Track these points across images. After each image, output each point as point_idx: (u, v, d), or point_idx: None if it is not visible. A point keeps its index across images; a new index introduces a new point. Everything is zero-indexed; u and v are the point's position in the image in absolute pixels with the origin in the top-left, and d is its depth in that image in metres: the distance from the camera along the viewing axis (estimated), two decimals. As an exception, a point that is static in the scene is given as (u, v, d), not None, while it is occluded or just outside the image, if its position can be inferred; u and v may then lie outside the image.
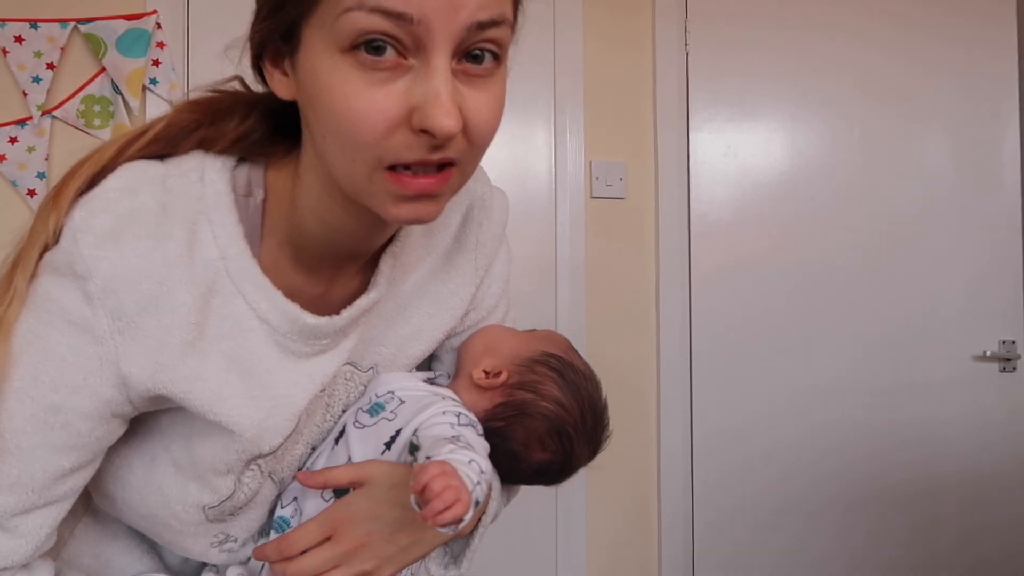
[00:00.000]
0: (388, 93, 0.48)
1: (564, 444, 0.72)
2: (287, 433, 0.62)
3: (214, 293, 0.57)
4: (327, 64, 0.49)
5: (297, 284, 0.63)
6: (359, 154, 0.50)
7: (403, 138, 0.49)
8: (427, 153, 0.50)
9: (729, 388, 2.16)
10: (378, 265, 0.66)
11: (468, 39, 0.49)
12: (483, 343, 0.75)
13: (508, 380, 0.71)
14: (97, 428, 0.56)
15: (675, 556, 2.14)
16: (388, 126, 0.49)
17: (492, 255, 0.77)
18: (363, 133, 0.49)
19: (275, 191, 0.62)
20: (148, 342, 0.55)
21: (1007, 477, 2.27)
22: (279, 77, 0.56)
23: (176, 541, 0.65)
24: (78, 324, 0.53)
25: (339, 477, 0.64)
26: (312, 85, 0.51)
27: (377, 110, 0.48)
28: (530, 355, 0.73)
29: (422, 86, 0.48)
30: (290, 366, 0.61)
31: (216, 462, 0.60)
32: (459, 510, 0.49)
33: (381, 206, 0.53)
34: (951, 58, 2.26)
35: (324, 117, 0.51)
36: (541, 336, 0.77)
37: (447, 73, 0.48)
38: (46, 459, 0.55)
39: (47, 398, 0.54)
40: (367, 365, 0.70)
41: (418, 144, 0.50)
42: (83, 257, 0.53)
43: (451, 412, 0.65)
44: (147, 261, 0.54)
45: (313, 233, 0.61)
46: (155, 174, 0.58)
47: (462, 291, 0.74)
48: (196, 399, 0.57)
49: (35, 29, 1.71)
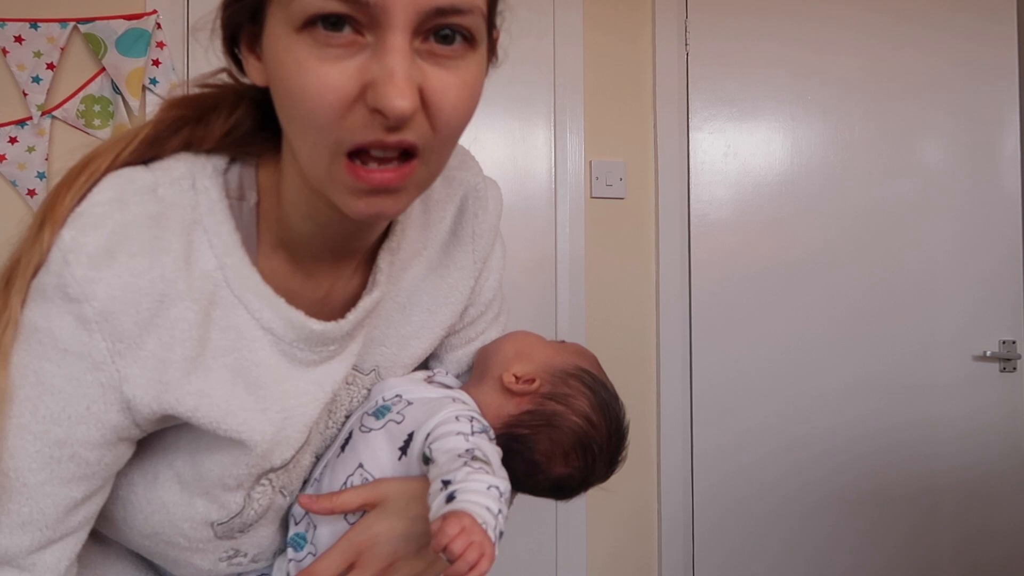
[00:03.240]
0: (342, 69, 0.46)
1: (587, 461, 0.70)
2: (299, 445, 0.61)
3: (214, 305, 0.55)
4: (283, 43, 0.48)
5: (296, 288, 0.60)
6: (318, 137, 0.48)
7: (359, 117, 0.47)
8: (383, 134, 0.47)
9: (729, 388, 2.16)
10: (376, 262, 0.64)
11: (428, 22, 0.47)
12: (514, 348, 0.74)
13: (540, 388, 0.70)
14: (106, 455, 0.54)
15: (675, 559, 2.13)
16: (342, 104, 0.46)
17: (489, 247, 0.74)
18: (317, 112, 0.47)
19: (267, 191, 0.60)
20: (150, 362, 0.52)
21: (1007, 477, 2.27)
22: (254, 62, 0.54)
23: (183, 558, 0.63)
24: (73, 352, 0.51)
25: (349, 501, 0.61)
26: (273, 67, 0.49)
27: (331, 87, 0.46)
28: (564, 367, 0.72)
29: (378, 64, 0.46)
30: (299, 375, 0.59)
31: (225, 477, 0.58)
32: (483, 567, 0.48)
33: (341, 199, 0.50)
34: (953, 57, 2.26)
35: (284, 100, 0.49)
36: (573, 350, 0.76)
37: (405, 51, 0.46)
38: (56, 493, 0.53)
39: (50, 433, 0.51)
40: (368, 367, 0.68)
41: (375, 123, 0.47)
42: (76, 280, 0.50)
43: (464, 417, 0.63)
44: (144, 279, 0.52)
45: (301, 231, 0.59)
46: (144, 183, 0.55)
47: (461, 285, 0.72)
48: (204, 416, 0.55)
49: (35, 29, 1.71)
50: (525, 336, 0.76)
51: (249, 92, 0.60)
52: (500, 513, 0.52)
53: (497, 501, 0.52)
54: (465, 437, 0.60)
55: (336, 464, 0.66)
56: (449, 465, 0.56)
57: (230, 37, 0.55)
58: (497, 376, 0.71)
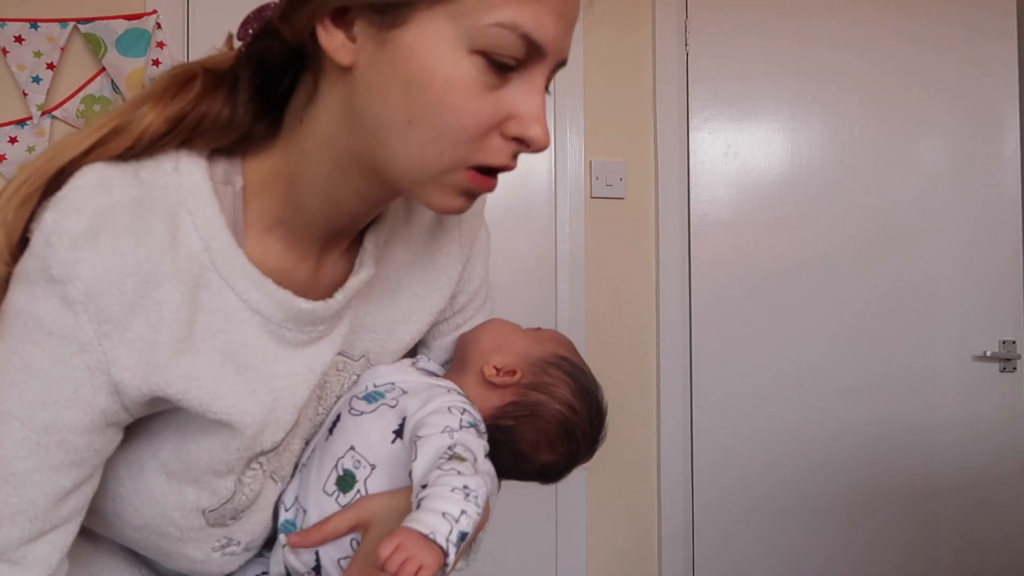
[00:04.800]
0: (497, 99, 0.52)
1: (571, 447, 0.72)
2: (289, 427, 0.61)
3: (201, 287, 0.55)
4: (449, 56, 0.50)
5: (287, 269, 0.60)
6: (452, 149, 0.52)
7: (494, 142, 0.53)
8: (511, 160, 0.54)
9: (730, 388, 2.16)
10: (363, 243, 0.65)
11: (555, 71, 0.55)
12: (492, 339, 0.75)
13: (522, 379, 0.71)
14: (95, 440, 0.54)
15: (675, 563, 2.13)
16: (488, 129, 0.52)
17: (474, 233, 0.76)
18: (466, 131, 0.51)
19: (257, 178, 0.59)
20: (137, 344, 0.52)
21: (1007, 477, 2.27)
22: (343, 40, 0.52)
23: (175, 550, 0.62)
24: (58, 334, 0.50)
25: (339, 527, 0.61)
26: (417, 70, 0.50)
27: (487, 113, 0.51)
28: (543, 356, 0.73)
29: (523, 99, 0.52)
30: (288, 356, 0.59)
31: (215, 462, 0.58)
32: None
33: (440, 197, 0.55)
34: (952, 58, 2.26)
35: (422, 105, 0.51)
36: (550, 337, 0.77)
37: (544, 92, 0.54)
38: (44, 482, 0.52)
39: (37, 418, 0.51)
40: (358, 353, 0.69)
41: (506, 150, 0.53)
42: (60, 260, 0.49)
43: (456, 408, 0.64)
44: (129, 259, 0.51)
45: (312, 210, 0.59)
46: (126, 167, 0.54)
47: (449, 270, 0.73)
48: (193, 398, 0.54)
49: (35, 29, 1.71)
50: (501, 325, 0.77)
51: (240, 82, 0.57)
52: (464, 514, 0.52)
53: (461, 502, 0.53)
54: (450, 433, 0.60)
55: (325, 447, 0.66)
56: (426, 467, 0.57)
57: (322, 6, 0.52)
58: (478, 369, 0.71)
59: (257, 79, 0.57)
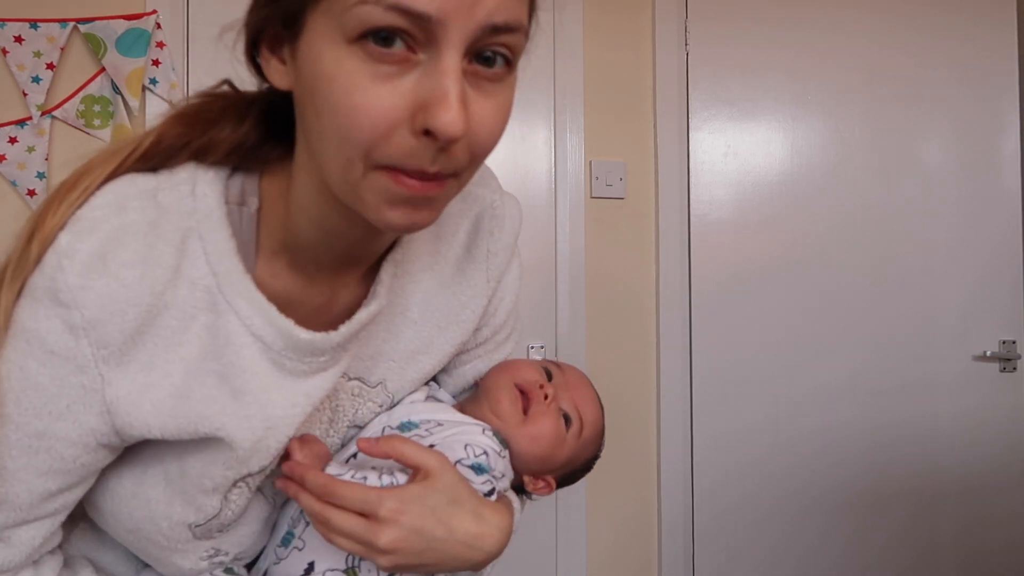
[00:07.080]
0: (393, 89, 0.45)
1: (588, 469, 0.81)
2: (277, 454, 0.60)
3: (205, 312, 0.55)
4: (331, 54, 0.46)
5: (296, 294, 0.60)
6: (354, 151, 0.47)
7: (403, 141, 0.46)
8: (427, 164, 0.47)
9: (729, 388, 2.16)
10: (378, 274, 0.64)
11: (481, 40, 0.46)
12: (533, 446, 0.74)
13: None
14: (82, 456, 0.55)
15: (675, 556, 2.14)
16: (390, 125, 0.46)
17: (504, 267, 0.73)
18: (363, 130, 0.46)
19: (270, 198, 0.59)
20: (133, 367, 0.53)
21: (1007, 477, 2.27)
22: (276, 65, 0.53)
23: (164, 558, 0.63)
24: (59, 354, 0.52)
25: (406, 455, 0.61)
26: (312, 75, 0.48)
27: (381, 107, 0.45)
28: (595, 451, 0.80)
29: (430, 83, 0.45)
30: (287, 385, 0.58)
31: (203, 479, 0.58)
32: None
33: (373, 210, 0.49)
34: (952, 58, 2.26)
35: (323, 110, 0.47)
36: (592, 439, 0.80)
37: (459, 72, 0.45)
38: (30, 481, 0.55)
39: (31, 424, 0.53)
40: (375, 380, 0.68)
41: (419, 150, 0.46)
42: (69, 286, 0.51)
43: (474, 448, 0.67)
44: (133, 291, 0.52)
45: (308, 237, 0.58)
46: (145, 187, 0.55)
47: (473, 303, 0.71)
48: (184, 417, 0.55)
49: (35, 29, 1.71)
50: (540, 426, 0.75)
51: (256, 104, 0.60)
52: None
53: None
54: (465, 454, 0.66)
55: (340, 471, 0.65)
56: None
57: (253, 40, 0.54)
58: (521, 476, 0.75)
59: (268, 101, 0.59)
